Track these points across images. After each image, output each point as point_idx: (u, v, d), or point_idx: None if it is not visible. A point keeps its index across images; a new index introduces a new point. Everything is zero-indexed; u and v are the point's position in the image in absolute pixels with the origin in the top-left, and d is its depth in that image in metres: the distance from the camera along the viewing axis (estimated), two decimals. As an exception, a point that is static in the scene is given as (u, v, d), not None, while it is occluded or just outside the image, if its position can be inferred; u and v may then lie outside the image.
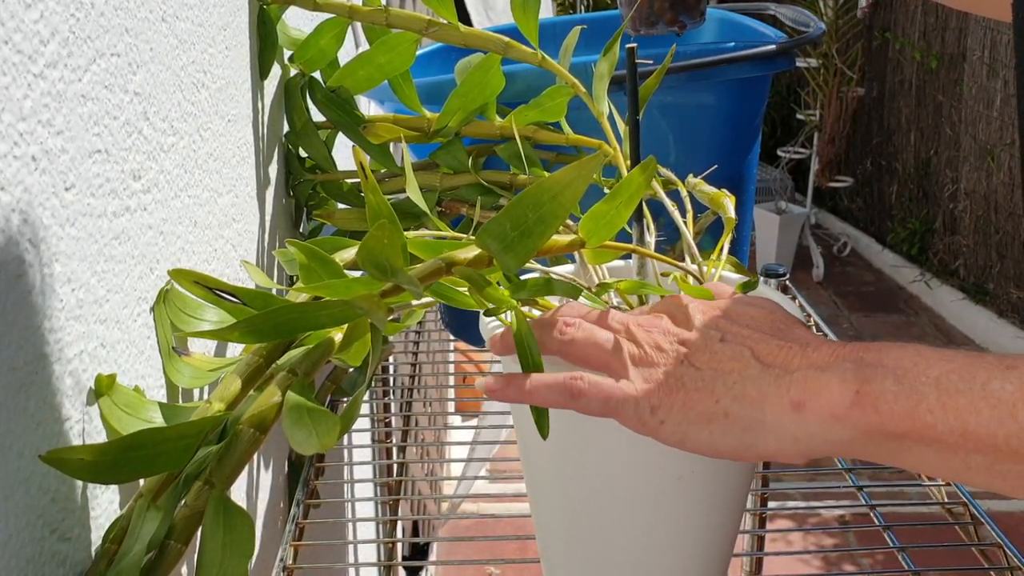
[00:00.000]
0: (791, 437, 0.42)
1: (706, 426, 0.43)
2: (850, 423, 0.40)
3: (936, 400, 0.38)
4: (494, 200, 0.76)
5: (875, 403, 0.39)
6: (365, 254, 0.41)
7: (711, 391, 0.43)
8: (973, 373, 0.38)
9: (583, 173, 0.42)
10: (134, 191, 0.50)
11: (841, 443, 0.41)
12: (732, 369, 0.43)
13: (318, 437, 0.41)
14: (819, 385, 0.41)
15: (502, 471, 2.14)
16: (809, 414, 0.41)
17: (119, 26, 0.48)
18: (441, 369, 1.53)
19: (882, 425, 0.39)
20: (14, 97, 0.38)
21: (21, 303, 0.38)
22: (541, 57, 0.71)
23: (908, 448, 0.40)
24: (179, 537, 0.42)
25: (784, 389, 0.42)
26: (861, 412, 0.40)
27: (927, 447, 0.39)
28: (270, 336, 0.43)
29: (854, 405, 0.40)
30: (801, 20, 0.97)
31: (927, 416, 0.38)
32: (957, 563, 0.69)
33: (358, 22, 0.75)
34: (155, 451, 0.40)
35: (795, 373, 0.42)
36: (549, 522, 0.57)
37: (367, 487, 1.35)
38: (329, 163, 0.83)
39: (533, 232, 0.43)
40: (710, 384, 0.43)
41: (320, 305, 0.43)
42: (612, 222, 0.47)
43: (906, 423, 0.39)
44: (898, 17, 4.14)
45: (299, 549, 0.70)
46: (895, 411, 0.39)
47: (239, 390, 0.46)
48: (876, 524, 0.72)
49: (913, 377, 0.39)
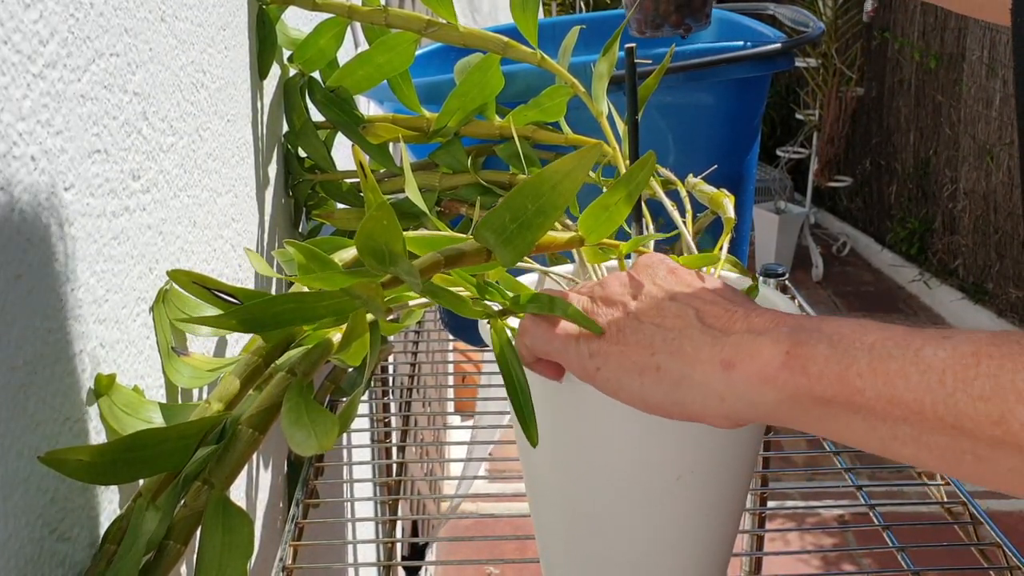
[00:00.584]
0: (717, 396, 0.42)
1: (638, 377, 0.44)
2: (778, 384, 0.40)
3: (867, 364, 0.38)
4: (493, 200, 0.76)
5: (804, 365, 0.39)
6: (364, 238, 0.41)
7: (648, 344, 0.44)
8: (909, 341, 0.38)
9: (583, 163, 0.42)
10: (133, 191, 0.50)
11: (767, 406, 0.41)
12: (673, 326, 0.44)
13: (317, 438, 0.41)
14: (753, 347, 0.41)
15: (501, 471, 2.14)
16: (737, 374, 0.41)
17: (118, 26, 0.48)
18: (440, 369, 1.53)
19: (810, 388, 0.39)
20: (13, 97, 0.38)
21: (20, 303, 0.38)
22: (540, 57, 0.71)
23: (834, 415, 0.39)
24: (178, 537, 0.42)
25: (718, 349, 0.42)
26: (789, 374, 0.39)
27: (854, 414, 0.38)
28: (268, 326, 0.43)
29: (783, 366, 0.40)
30: (800, 20, 0.97)
31: (856, 380, 0.38)
32: (956, 563, 0.69)
33: (357, 22, 0.75)
34: (154, 451, 0.40)
35: (732, 336, 0.42)
36: (549, 522, 0.57)
37: (366, 487, 1.35)
38: (329, 163, 0.83)
39: (532, 224, 0.43)
40: (649, 337, 0.44)
41: (318, 296, 0.43)
42: (611, 218, 0.47)
43: (835, 387, 0.38)
44: (897, 17, 4.14)
45: (298, 549, 0.70)
46: (824, 374, 0.38)
47: (238, 390, 0.46)
48: (875, 524, 0.72)
49: (848, 343, 0.39)
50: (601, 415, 0.51)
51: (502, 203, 0.43)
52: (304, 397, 0.44)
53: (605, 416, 0.51)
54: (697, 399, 0.42)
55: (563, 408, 0.51)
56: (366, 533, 1.42)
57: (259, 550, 0.74)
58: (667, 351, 0.43)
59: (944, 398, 0.36)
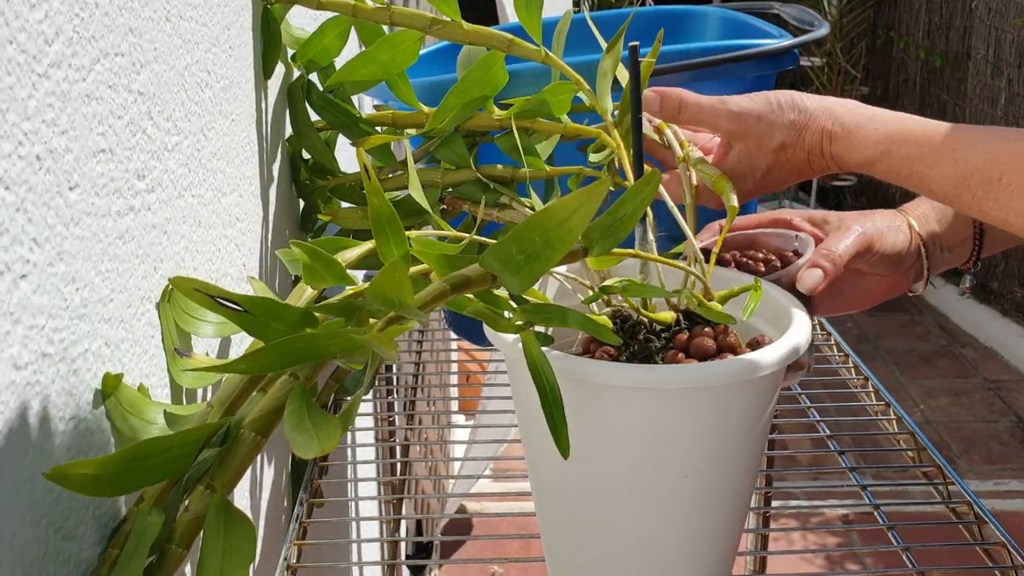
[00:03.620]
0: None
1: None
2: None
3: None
4: (495, 197, 0.76)
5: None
6: (375, 291, 0.41)
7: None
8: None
9: (591, 199, 0.41)
10: (138, 190, 0.50)
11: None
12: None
13: (319, 441, 0.41)
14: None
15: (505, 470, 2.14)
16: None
17: (123, 26, 0.48)
18: (445, 368, 1.54)
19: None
20: (19, 97, 0.38)
21: (26, 302, 0.38)
22: (545, 54, 0.71)
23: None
24: (180, 541, 0.42)
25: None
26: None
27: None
28: (276, 367, 0.44)
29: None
30: (805, 19, 0.97)
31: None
32: (961, 562, 0.69)
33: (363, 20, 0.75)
34: (157, 460, 0.41)
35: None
36: (554, 520, 0.57)
37: (371, 486, 1.35)
38: (334, 165, 0.83)
39: (541, 256, 0.42)
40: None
41: (326, 336, 0.43)
42: (615, 234, 0.47)
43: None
44: (902, 16, 4.14)
45: (303, 548, 0.70)
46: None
47: (241, 393, 0.46)
48: (880, 523, 0.72)
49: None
50: (611, 415, 0.51)
51: (510, 235, 0.42)
52: (306, 401, 0.44)
53: (615, 416, 0.51)
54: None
55: (573, 408, 0.51)
56: (370, 532, 1.42)
57: (263, 549, 0.74)
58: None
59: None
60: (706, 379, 0.49)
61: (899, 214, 0.72)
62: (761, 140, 0.63)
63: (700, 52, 0.80)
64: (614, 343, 0.52)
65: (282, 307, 0.44)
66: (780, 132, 0.62)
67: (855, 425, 0.90)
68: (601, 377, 0.49)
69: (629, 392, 0.49)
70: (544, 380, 0.46)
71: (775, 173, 0.64)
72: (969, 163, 0.54)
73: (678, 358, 0.52)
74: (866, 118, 0.60)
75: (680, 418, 0.50)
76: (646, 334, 0.54)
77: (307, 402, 0.43)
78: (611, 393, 0.50)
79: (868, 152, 0.59)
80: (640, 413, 0.50)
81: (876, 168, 0.59)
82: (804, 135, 0.62)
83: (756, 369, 0.49)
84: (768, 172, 0.64)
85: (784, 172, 0.64)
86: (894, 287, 0.73)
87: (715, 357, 0.52)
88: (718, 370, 0.49)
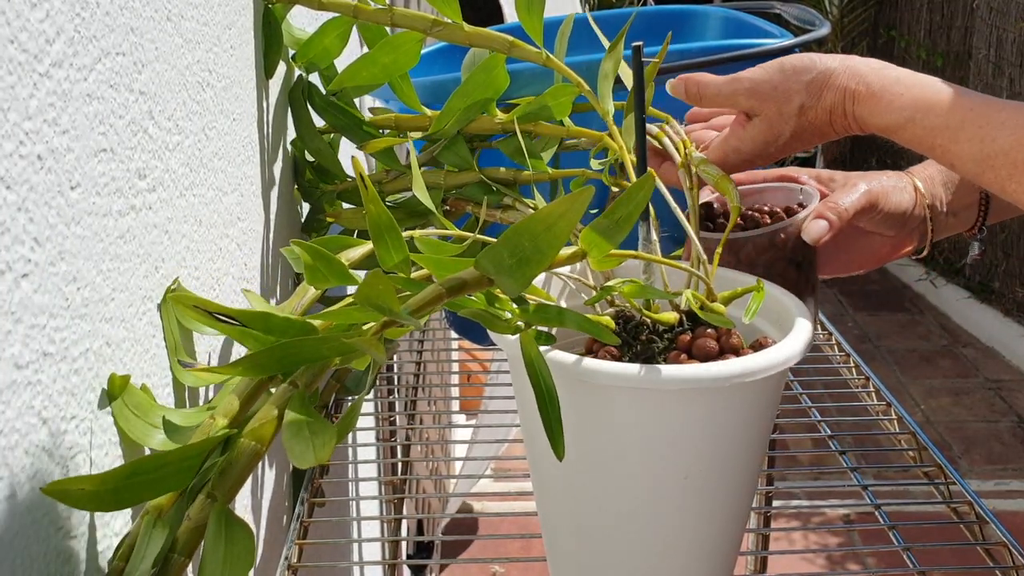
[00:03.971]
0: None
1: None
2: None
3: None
4: (499, 198, 0.76)
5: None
6: (362, 298, 0.43)
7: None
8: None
9: (576, 205, 0.42)
10: (139, 190, 0.50)
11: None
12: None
13: (314, 451, 0.41)
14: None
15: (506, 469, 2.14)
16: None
17: (124, 25, 0.48)
18: (446, 368, 1.54)
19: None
20: (20, 96, 0.38)
21: (27, 301, 0.38)
22: (546, 56, 0.71)
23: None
24: (182, 550, 0.42)
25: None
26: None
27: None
28: (274, 370, 0.45)
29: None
30: (806, 18, 0.97)
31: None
32: (962, 562, 0.68)
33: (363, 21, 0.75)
34: (157, 475, 0.41)
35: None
36: (556, 519, 0.57)
37: (371, 486, 1.35)
38: (337, 166, 0.83)
39: (531, 260, 0.44)
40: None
41: (320, 340, 0.44)
42: (613, 236, 0.47)
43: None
44: (903, 15, 4.13)
45: (303, 547, 0.70)
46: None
47: (243, 405, 0.46)
48: (881, 523, 0.72)
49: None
50: (612, 416, 0.51)
51: (501, 239, 0.43)
52: (306, 409, 0.44)
53: (616, 417, 0.51)
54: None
55: (576, 408, 0.51)
56: (371, 532, 1.42)
57: (264, 549, 0.74)
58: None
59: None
60: (708, 380, 0.49)
61: (905, 175, 0.73)
62: (780, 108, 0.62)
63: (701, 52, 0.80)
64: (613, 343, 0.52)
65: (278, 319, 0.44)
66: (797, 96, 0.62)
67: (856, 425, 0.90)
68: (602, 377, 0.49)
69: (631, 392, 0.49)
70: (541, 381, 0.46)
71: (800, 136, 0.63)
72: (996, 142, 0.53)
73: (680, 359, 0.52)
74: (892, 80, 0.59)
75: (682, 419, 0.50)
76: (649, 335, 0.54)
77: (306, 411, 0.44)
78: (613, 393, 0.50)
79: (892, 117, 0.58)
80: (641, 414, 0.50)
81: (899, 135, 0.58)
82: (824, 94, 0.61)
83: (758, 371, 0.49)
84: (793, 136, 0.63)
85: (808, 134, 0.63)
86: (898, 248, 0.74)
87: (718, 358, 0.52)
88: (720, 371, 0.49)
